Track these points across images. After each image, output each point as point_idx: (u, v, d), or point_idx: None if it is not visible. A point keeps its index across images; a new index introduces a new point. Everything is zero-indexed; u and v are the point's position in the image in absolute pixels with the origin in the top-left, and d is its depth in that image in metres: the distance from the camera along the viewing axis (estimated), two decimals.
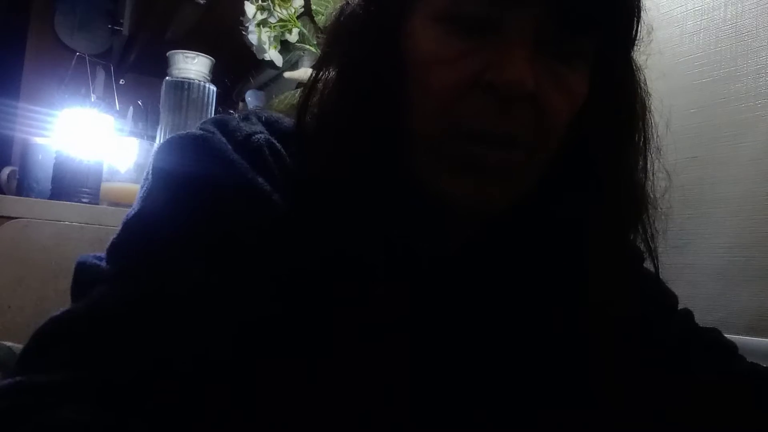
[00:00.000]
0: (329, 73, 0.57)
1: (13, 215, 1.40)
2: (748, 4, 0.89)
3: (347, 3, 0.57)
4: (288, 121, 0.58)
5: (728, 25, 0.91)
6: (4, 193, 1.74)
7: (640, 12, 0.55)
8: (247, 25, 1.46)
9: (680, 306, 0.72)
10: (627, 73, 0.59)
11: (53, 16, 2.66)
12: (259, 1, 1.45)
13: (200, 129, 0.54)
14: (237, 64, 1.75)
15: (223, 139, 0.52)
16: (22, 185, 1.60)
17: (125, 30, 2.40)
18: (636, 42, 0.57)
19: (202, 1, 1.96)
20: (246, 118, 0.57)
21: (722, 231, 0.88)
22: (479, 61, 0.50)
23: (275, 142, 0.54)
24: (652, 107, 0.61)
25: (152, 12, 2.19)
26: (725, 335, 0.71)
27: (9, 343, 0.86)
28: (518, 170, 0.53)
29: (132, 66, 2.60)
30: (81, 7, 2.65)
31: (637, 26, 0.56)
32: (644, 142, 0.61)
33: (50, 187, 1.51)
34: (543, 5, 0.50)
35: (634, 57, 0.59)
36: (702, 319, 0.87)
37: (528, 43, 0.50)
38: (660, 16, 1.01)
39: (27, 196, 1.59)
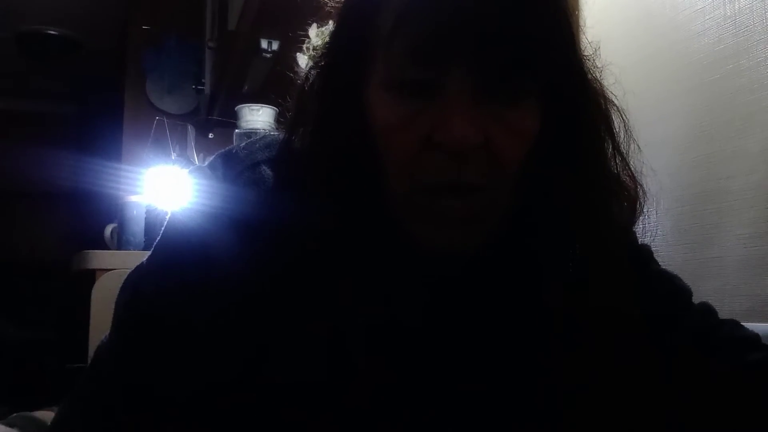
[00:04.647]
0: (303, 132, 0.62)
1: (112, 267, 1.58)
2: (744, 2, 0.92)
3: (309, 72, 0.63)
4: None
5: (728, 23, 0.94)
6: (109, 248, 1.95)
7: (570, 33, 0.59)
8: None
9: (708, 299, 0.72)
10: (580, 90, 0.61)
11: (145, 84, 2.92)
12: (311, 51, 1.57)
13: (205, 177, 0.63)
14: None
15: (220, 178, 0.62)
16: (121, 240, 1.79)
17: (207, 89, 2.60)
18: (580, 57, 0.61)
19: (268, 55, 2.10)
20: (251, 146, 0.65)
21: (741, 222, 0.90)
22: (426, 123, 0.54)
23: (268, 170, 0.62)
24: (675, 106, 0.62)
25: (227, 70, 2.36)
26: (754, 324, 0.71)
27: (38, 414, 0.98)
28: (486, 211, 0.57)
29: (218, 121, 2.80)
30: (168, 73, 2.89)
31: (574, 45, 0.60)
32: (613, 147, 0.63)
33: (144, 239, 1.69)
34: (475, 63, 0.53)
35: (590, 68, 0.62)
36: (731, 309, 0.89)
37: (467, 98, 0.54)
38: (667, 22, 1.04)
39: (126, 249, 1.77)
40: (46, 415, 1.07)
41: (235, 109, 1.73)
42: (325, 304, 0.57)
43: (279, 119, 1.74)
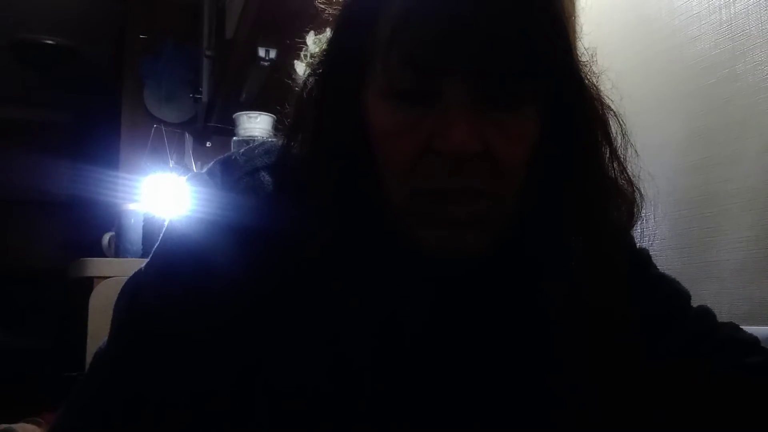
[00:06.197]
0: (302, 139, 0.62)
1: (109, 275, 1.58)
2: (740, 6, 0.92)
3: (308, 80, 0.63)
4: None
5: (724, 28, 0.94)
6: (106, 256, 1.94)
7: (567, 38, 0.59)
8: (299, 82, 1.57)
9: (707, 303, 0.72)
10: (577, 95, 0.61)
11: (142, 92, 2.92)
12: (308, 59, 1.58)
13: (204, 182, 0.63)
14: None
15: (219, 185, 0.62)
16: (118, 248, 1.79)
17: (204, 97, 2.60)
18: (577, 62, 0.61)
19: (266, 63, 2.11)
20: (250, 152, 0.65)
21: (740, 226, 0.90)
22: (425, 131, 0.54)
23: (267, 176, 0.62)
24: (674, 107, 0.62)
25: (225, 78, 2.37)
26: (753, 327, 0.71)
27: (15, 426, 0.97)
28: (489, 215, 0.57)
29: (216, 129, 2.80)
30: (166, 81, 2.90)
31: (571, 50, 0.60)
32: (611, 152, 0.63)
33: (141, 247, 1.69)
34: (474, 70, 0.53)
35: (587, 73, 0.62)
36: (729, 312, 0.89)
37: (466, 106, 0.54)
38: (664, 27, 1.05)
39: (123, 257, 1.77)
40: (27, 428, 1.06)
41: (233, 116, 1.74)
42: (326, 311, 0.56)
43: (277, 126, 1.75)
